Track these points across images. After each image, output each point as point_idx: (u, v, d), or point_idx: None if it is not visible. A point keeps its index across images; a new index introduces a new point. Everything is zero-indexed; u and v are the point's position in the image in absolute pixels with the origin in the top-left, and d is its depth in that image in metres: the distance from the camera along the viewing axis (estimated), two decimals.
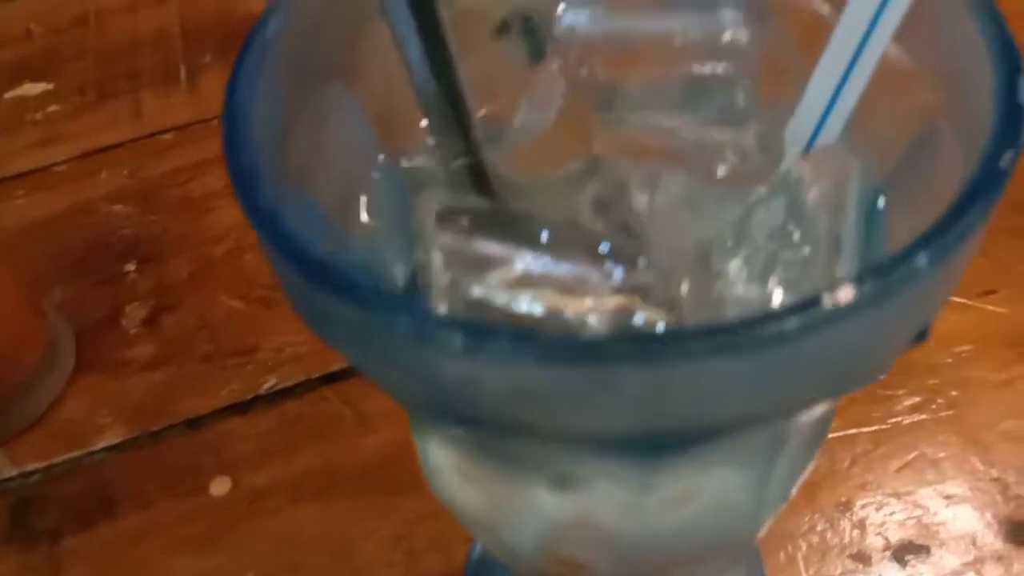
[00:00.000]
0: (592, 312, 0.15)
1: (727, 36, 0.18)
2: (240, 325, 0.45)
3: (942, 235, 0.14)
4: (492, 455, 0.18)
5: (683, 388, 0.12)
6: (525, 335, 0.12)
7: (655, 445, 0.14)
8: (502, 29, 0.21)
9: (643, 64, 0.21)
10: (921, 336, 0.15)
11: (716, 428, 0.14)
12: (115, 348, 0.45)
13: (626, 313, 0.14)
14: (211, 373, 0.43)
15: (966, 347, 0.40)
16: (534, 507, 0.18)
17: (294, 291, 0.15)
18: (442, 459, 0.20)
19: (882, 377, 0.15)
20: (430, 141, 0.19)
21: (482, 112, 0.21)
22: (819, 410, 0.17)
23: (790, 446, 0.19)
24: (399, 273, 0.19)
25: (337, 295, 0.14)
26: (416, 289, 0.18)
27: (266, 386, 0.42)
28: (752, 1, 0.19)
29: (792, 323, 0.12)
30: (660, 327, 0.15)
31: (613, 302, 0.15)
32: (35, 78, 0.61)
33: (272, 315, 0.45)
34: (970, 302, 0.42)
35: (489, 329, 0.12)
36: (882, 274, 0.13)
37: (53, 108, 0.59)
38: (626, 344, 0.12)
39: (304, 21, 0.18)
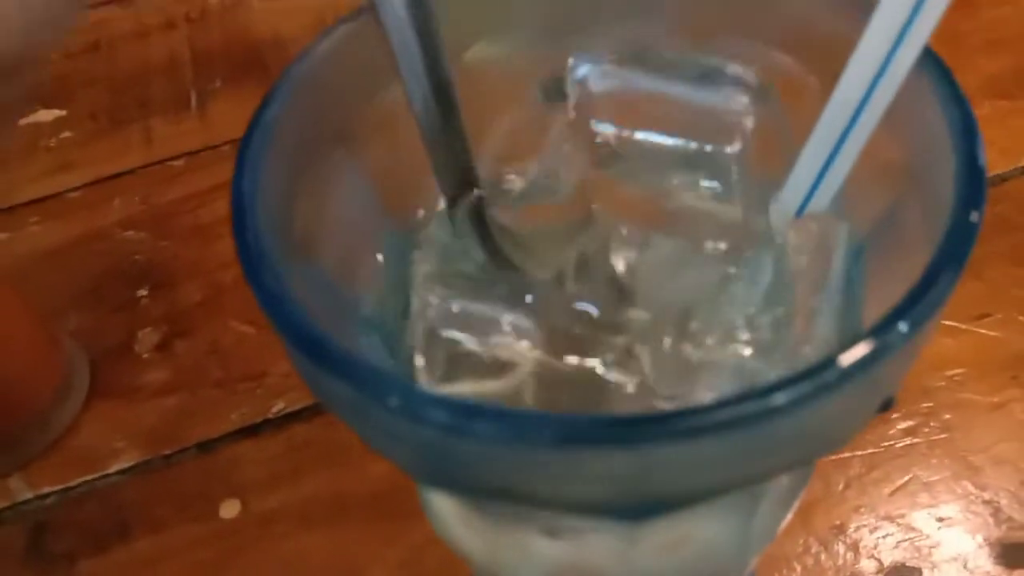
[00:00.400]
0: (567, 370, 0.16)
1: (729, 111, 0.19)
2: (250, 350, 0.46)
3: (916, 306, 0.15)
4: (489, 510, 0.19)
5: (659, 467, 0.13)
6: (505, 415, 0.13)
7: (636, 511, 0.15)
8: (551, 94, 0.22)
9: (644, 124, 0.22)
10: (887, 405, 0.15)
11: (692, 497, 0.15)
12: (129, 374, 0.46)
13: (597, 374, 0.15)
14: (222, 398, 0.45)
15: (959, 370, 0.41)
16: (529, 553, 0.19)
17: (297, 364, 0.16)
18: (442, 506, 0.21)
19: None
20: (433, 202, 0.20)
21: (492, 167, 0.22)
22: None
23: (772, 495, 0.20)
24: (402, 335, 0.20)
25: (333, 373, 0.15)
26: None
27: (275, 410, 0.44)
28: (753, 79, 0.20)
29: (767, 404, 0.13)
30: (629, 388, 0.16)
31: (588, 362, 0.16)
32: (48, 105, 0.62)
33: (282, 342, 0.46)
34: (964, 326, 0.42)
35: (472, 408, 0.13)
36: (857, 351, 0.14)
37: (66, 135, 0.60)
38: (603, 427, 0.13)
39: (306, 95, 0.19)
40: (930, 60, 0.17)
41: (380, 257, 0.21)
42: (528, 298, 0.17)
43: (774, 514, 0.21)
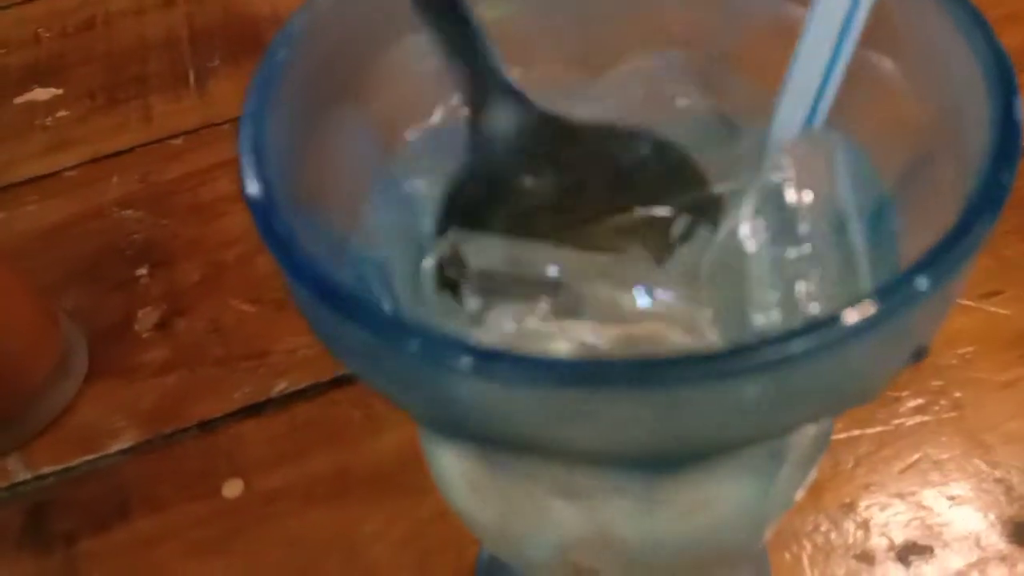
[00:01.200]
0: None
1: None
2: (251, 329, 0.46)
3: (946, 255, 0.14)
4: (502, 468, 0.18)
5: (686, 412, 0.13)
6: (529, 358, 0.12)
7: (658, 464, 0.14)
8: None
9: None
10: (919, 354, 0.15)
11: (716, 448, 0.14)
12: (128, 353, 0.46)
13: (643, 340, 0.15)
14: (223, 376, 0.44)
15: (970, 348, 0.41)
16: (543, 520, 0.19)
17: (310, 314, 0.15)
18: (452, 470, 0.21)
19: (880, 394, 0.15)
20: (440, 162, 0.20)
21: None
22: (817, 426, 0.18)
23: (791, 457, 0.19)
24: (402, 288, 0.20)
25: (350, 317, 0.14)
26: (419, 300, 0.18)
27: (277, 389, 0.43)
28: None
29: (794, 346, 0.13)
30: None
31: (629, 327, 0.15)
32: (44, 83, 0.61)
33: (283, 318, 0.46)
34: (974, 304, 0.42)
35: (494, 351, 0.12)
36: (885, 297, 0.13)
37: (63, 113, 0.59)
38: (631, 368, 0.13)
39: (314, 47, 0.18)
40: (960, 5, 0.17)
41: (383, 213, 0.20)
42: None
43: (793, 478, 0.21)
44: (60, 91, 0.61)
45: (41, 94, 0.61)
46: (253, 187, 0.15)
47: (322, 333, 0.16)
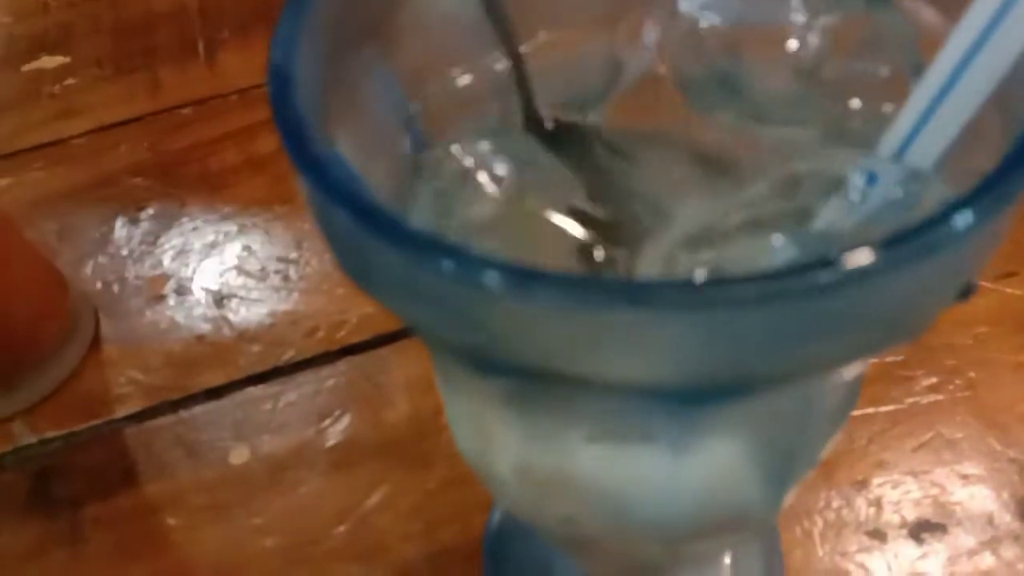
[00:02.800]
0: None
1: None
2: (259, 298, 0.45)
3: (999, 185, 0.14)
4: (527, 411, 0.18)
5: (731, 337, 0.13)
6: (569, 277, 0.12)
7: (694, 397, 0.14)
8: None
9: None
10: (966, 292, 0.15)
11: (759, 378, 0.14)
12: (135, 320, 0.45)
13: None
14: (230, 345, 0.44)
15: (984, 329, 0.40)
16: (567, 471, 0.19)
17: (341, 240, 0.15)
18: (473, 420, 0.20)
19: (921, 335, 0.15)
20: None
21: None
22: (852, 372, 0.18)
23: (820, 409, 0.19)
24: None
25: (386, 237, 0.14)
26: None
27: (285, 358, 0.43)
28: None
29: (844, 270, 0.12)
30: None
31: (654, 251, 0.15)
32: (52, 51, 0.61)
33: (290, 288, 0.45)
34: (990, 285, 0.42)
35: (533, 272, 0.12)
36: (938, 225, 0.13)
37: (70, 82, 0.59)
38: (675, 288, 0.12)
39: None
40: None
41: (406, 160, 0.20)
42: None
43: (822, 433, 0.20)
44: (68, 59, 0.60)
45: (48, 62, 0.60)
46: (283, 106, 0.15)
47: (354, 260, 0.15)
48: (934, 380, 0.39)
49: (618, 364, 0.13)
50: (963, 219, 0.13)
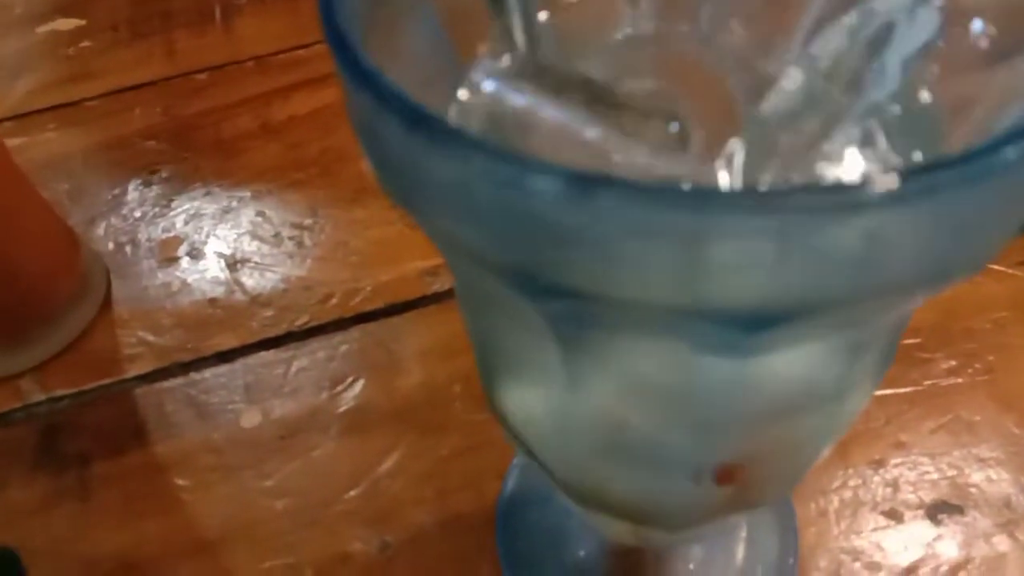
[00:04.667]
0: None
1: None
2: (273, 263, 0.45)
3: None
4: (578, 340, 0.17)
5: (803, 250, 0.12)
6: (639, 183, 0.12)
7: (759, 322, 0.14)
8: None
9: None
10: None
11: (824, 302, 0.14)
12: (147, 281, 0.45)
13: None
14: (243, 308, 0.43)
15: (1004, 314, 0.40)
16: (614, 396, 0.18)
17: (391, 153, 0.15)
18: (513, 353, 0.20)
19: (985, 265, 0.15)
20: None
21: None
22: (910, 307, 0.17)
23: (875, 345, 0.19)
24: None
25: (441, 143, 0.13)
26: None
27: (299, 323, 0.42)
28: None
29: (911, 183, 0.12)
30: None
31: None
32: (67, 14, 0.61)
33: (304, 254, 0.45)
34: (1009, 270, 0.41)
35: (598, 175, 0.12)
36: (996, 149, 0.13)
37: (85, 44, 0.58)
38: (754, 195, 0.12)
39: None
40: None
41: (447, 103, 0.20)
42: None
43: (871, 372, 0.20)
44: (83, 22, 0.60)
45: (64, 24, 0.60)
46: (332, 18, 0.15)
47: (403, 176, 0.15)
48: (953, 363, 0.39)
49: (685, 285, 0.13)
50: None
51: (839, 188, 0.12)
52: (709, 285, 0.13)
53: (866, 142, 0.16)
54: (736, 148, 0.16)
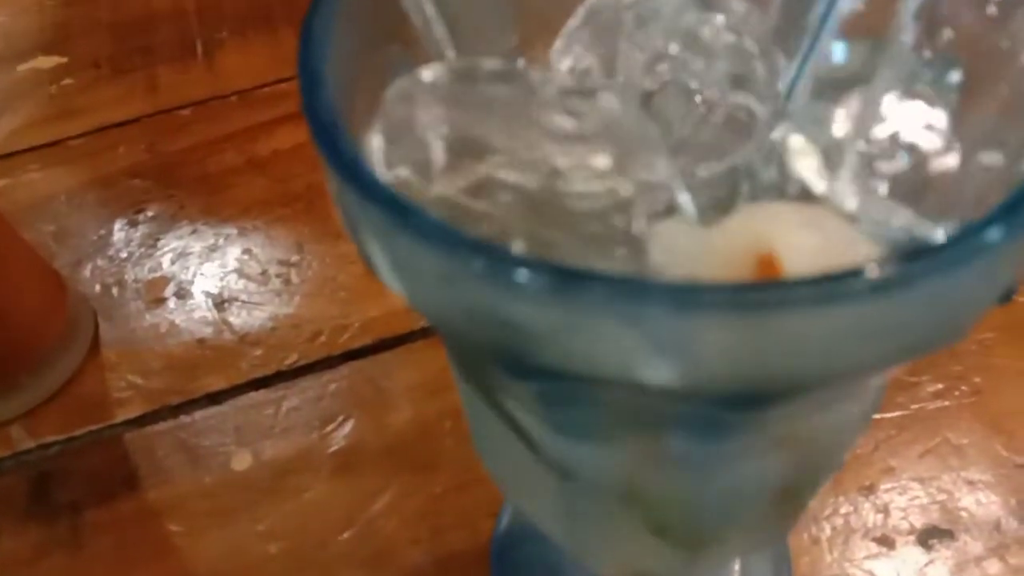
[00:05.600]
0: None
1: None
2: (261, 301, 0.45)
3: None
4: (561, 414, 0.18)
5: (775, 339, 0.13)
6: (614, 278, 0.12)
7: (739, 401, 0.14)
8: None
9: None
10: (1007, 296, 0.15)
11: (803, 384, 0.14)
12: (135, 323, 0.45)
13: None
14: (232, 348, 0.43)
15: (989, 335, 0.40)
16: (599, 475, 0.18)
17: (374, 241, 0.15)
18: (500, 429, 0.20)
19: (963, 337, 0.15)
20: None
21: None
22: (888, 375, 0.18)
23: (862, 399, 0.19)
24: None
25: (424, 237, 0.14)
26: None
27: (288, 362, 0.42)
28: None
29: (887, 276, 0.12)
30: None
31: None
32: (48, 51, 0.60)
33: (291, 291, 0.45)
34: None
35: (577, 271, 0.12)
36: (975, 234, 0.13)
37: (67, 82, 0.58)
38: (723, 292, 0.12)
39: None
40: None
41: None
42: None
43: (843, 443, 0.20)
44: (65, 59, 0.60)
45: (45, 62, 0.60)
46: (315, 107, 0.15)
47: (387, 261, 0.15)
48: (940, 386, 0.39)
49: (666, 371, 0.13)
50: (999, 230, 0.13)
51: (813, 282, 0.12)
52: (690, 371, 0.13)
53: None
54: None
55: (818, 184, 0.19)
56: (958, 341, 0.15)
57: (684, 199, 0.18)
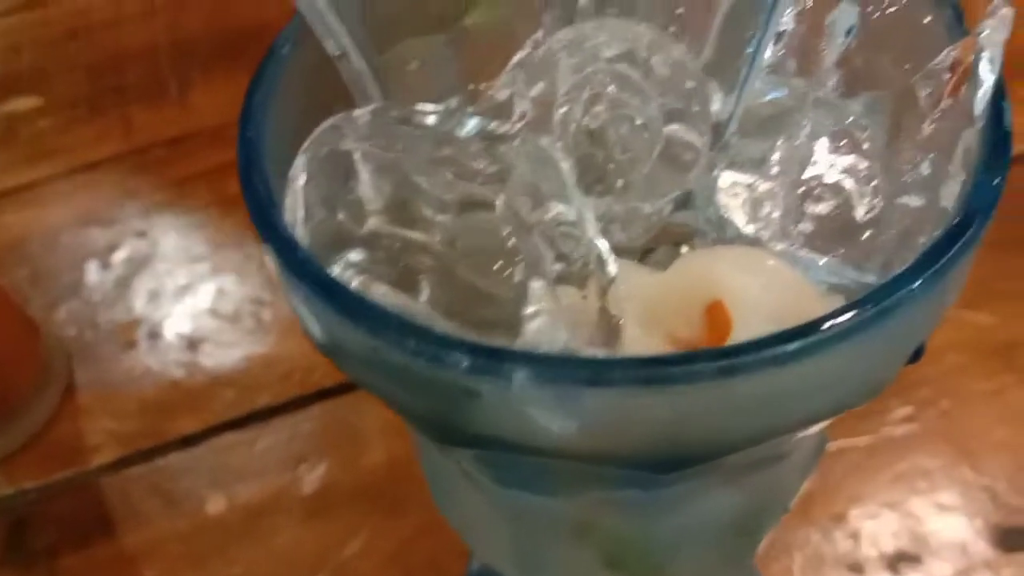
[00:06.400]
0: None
1: None
2: (233, 342, 0.45)
3: (938, 260, 0.15)
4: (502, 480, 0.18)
5: (688, 410, 0.13)
6: (532, 357, 0.12)
7: (663, 466, 0.14)
8: None
9: None
10: (917, 355, 0.15)
11: (719, 448, 0.14)
12: (109, 366, 0.45)
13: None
14: (205, 389, 0.44)
15: (956, 358, 0.41)
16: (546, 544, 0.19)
17: (308, 316, 0.15)
18: (455, 483, 0.20)
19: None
20: None
21: None
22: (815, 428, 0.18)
23: (792, 460, 0.19)
24: None
25: (350, 316, 0.14)
26: None
27: (260, 402, 0.43)
28: None
29: (793, 346, 0.13)
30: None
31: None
32: (26, 92, 0.61)
33: (264, 330, 0.45)
34: (960, 313, 0.42)
35: (496, 351, 0.12)
36: (880, 299, 0.13)
37: (43, 123, 0.58)
38: (636, 367, 0.13)
39: (311, 50, 0.18)
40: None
41: None
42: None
43: (788, 487, 0.21)
44: (41, 101, 0.60)
45: (22, 104, 0.60)
46: (252, 187, 0.15)
47: (322, 335, 0.15)
48: (908, 411, 0.39)
49: (585, 441, 0.13)
50: (909, 292, 0.14)
51: (723, 353, 0.13)
52: (606, 440, 0.14)
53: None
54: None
55: (744, 223, 0.20)
56: (872, 400, 0.15)
57: (602, 244, 0.18)
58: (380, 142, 0.18)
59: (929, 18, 0.18)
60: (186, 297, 0.47)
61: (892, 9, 0.19)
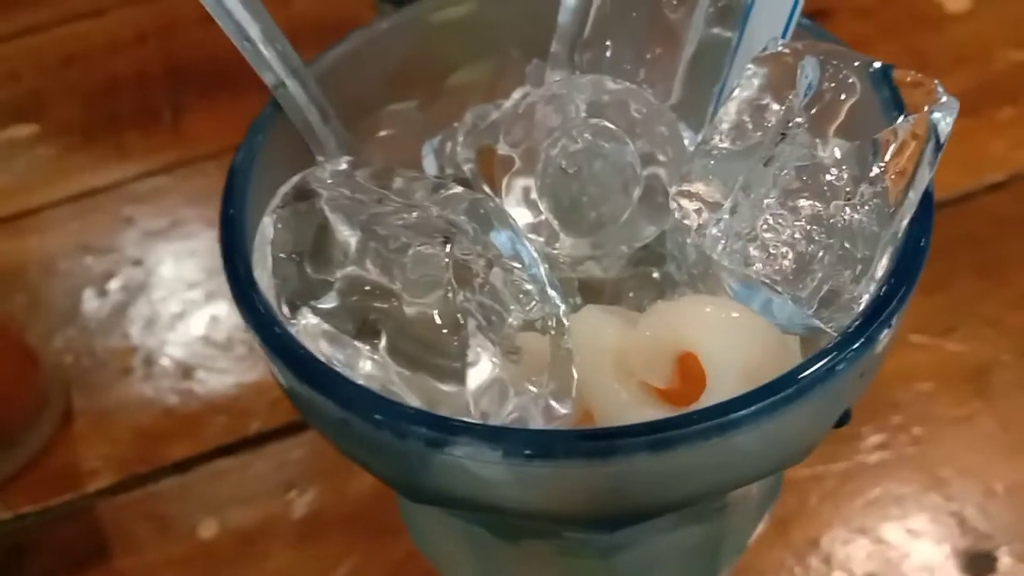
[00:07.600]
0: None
1: None
2: (225, 369, 0.46)
3: (860, 337, 0.16)
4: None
5: (628, 477, 0.14)
6: (485, 431, 0.14)
7: (612, 522, 0.16)
8: None
9: None
10: (843, 420, 0.16)
11: (662, 508, 0.15)
12: (105, 393, 0.46)
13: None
14: (197, 416, 0.45)
15: (927, 385, 0.42)
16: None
17: (284, 386, 0.17)
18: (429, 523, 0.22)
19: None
20: None
21: None
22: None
23: (740, 509, 0.20)
24: None
25: (322, 392, 0.15)
26: None
27: (252, 429, 0.44)
28: None
29: (722, 420, 0.14)
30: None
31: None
32: (23, 120, 0.62)
33: (256, 359, 0.46)
34: (931, 341, 0.43)
35: (453, 423, 0.14)
36: (813, 369, 0.15)
37: (41, 150, 0.60)
38: (578, 441, 0.14)
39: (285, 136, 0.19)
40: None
41: None
42: None
43: (744, 528, 0.22)
44: (38, 128, 0.61)
45: (20, 131, 0.61)
46: (237, 278, 0.16)
47: (296, 397, 0.17)
48: (881, 437, 0.41)
49: (533, 504, 0.15)
50: (835, 366, 0.15)
51: (651, 427, 0.14)
52: (553, 503, 0.15)
53: None
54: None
55: (711, 251, 0.20)
56: (802, 461, 0.16)
57: (556, 297, 0.19)
58: (343, 197, 0.19)
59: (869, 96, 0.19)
60: (179, 324, 0.48)
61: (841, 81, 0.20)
